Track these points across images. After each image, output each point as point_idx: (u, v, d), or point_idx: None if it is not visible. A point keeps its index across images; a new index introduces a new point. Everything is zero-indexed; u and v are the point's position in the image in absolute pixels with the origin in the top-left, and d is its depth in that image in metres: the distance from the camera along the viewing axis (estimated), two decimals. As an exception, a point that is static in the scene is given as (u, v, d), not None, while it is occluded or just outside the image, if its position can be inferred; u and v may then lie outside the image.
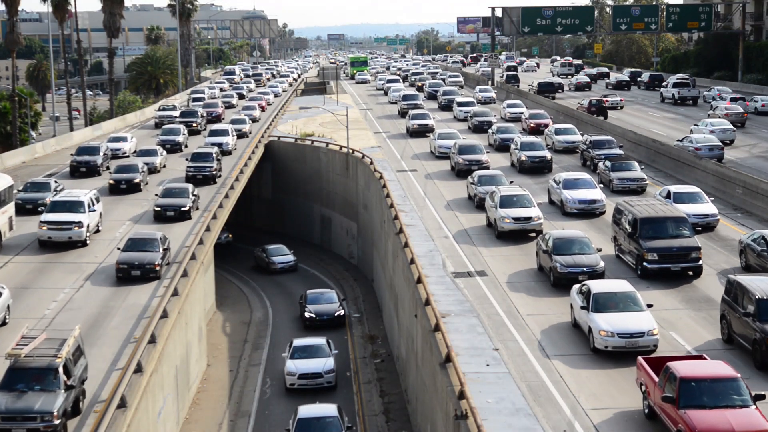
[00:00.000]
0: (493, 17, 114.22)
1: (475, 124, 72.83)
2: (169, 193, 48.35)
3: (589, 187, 45.31)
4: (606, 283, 30.84)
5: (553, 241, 34.97)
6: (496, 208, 41.50)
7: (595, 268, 33.75)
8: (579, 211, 44.23)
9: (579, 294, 30.12)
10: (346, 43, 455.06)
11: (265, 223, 73.98)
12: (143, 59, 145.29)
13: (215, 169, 56.18)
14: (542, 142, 58.35)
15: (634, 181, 49.46)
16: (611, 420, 24.02)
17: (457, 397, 24.59)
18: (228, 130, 68.16)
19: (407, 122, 74.35)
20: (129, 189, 52.62)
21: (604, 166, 51.19)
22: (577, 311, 29.72)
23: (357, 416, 38.29)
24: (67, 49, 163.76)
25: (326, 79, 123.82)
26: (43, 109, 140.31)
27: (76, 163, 57.86)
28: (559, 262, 34.00)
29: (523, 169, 54.95)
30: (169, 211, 46.50)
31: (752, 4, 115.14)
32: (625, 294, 29.40)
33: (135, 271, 37.29)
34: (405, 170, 58.10)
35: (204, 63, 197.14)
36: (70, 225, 41.54)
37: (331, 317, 49.32)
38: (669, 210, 36.71)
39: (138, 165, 54.57)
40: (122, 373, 27.14)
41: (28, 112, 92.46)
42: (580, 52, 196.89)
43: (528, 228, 40.77)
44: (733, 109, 72.75)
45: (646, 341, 27.67)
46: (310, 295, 50.91)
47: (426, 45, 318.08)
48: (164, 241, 39.09)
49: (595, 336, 28.06)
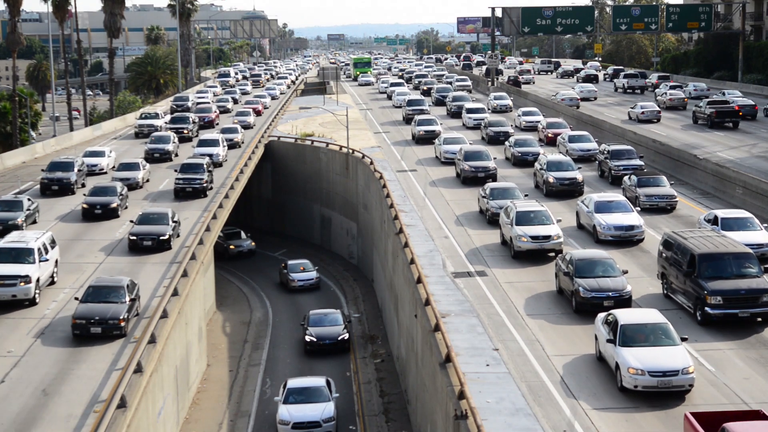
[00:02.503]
0: (493, 17, 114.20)
1: (490, 135, 66.57)
2: (146, 219, 42.58)
3: (624, 211, 40.38)
4: (635, 312, 27.82)
5: (575, 263, 32.07)
6: (512, 225, 38.22)
7: (621, 293, 30.82)
8: (614, 238, 39.31)
9: (604, 325, 27.15)
10: (346, 44, 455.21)
11: (265, 223, 74.01)
12: (143, 59, 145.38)
13: (206, 181, 52.06)
14: (571, 161, 51.12)
15: (663, 198, 45.21)
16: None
17: (457, 397, 24.59)
18: (218, 140, 63.10)
19: (413, 128, 70.65)
20: (105, 215, 46.69)
21: (630, 181, 46.88)
22: (603, 344, 26.87)
23: (357, 416, 38.32)
24: (67, 49, 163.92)
25: (326, 80, 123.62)
26: (43, 109, 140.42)
27: (48, 181, 52.12)
28: (582, 286, 31.08)
29: (550, 192, 48.56)
30: (146, 241, 40.89)
31: (752, 4, 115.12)
32: (657, 326, 26.36)
33: (95, 328, 31.00)
34: (405, 170, 58.10)
35: (204, 63, 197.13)
36: (15, 280, 33.79)
37: (334, 342, 45.41)
38: (731, 244, 31.59)
39: (116, 188, 48.48)
40: (122, 373, 27.13)
41: (28, 112, 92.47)
42: (580, 52, 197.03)
43: (547, 247, 37.55)
44: (676, 95, 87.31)
45: (681, 380, 24.72)
46: (313, 316, 47.04)
47: (426, 45, 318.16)
48: (132, 288, 33.10)
49: (623, 373, 25.04)
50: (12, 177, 58.04)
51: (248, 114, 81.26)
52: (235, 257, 63.95)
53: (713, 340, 28.84)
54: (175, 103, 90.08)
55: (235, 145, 67.58)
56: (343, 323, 46.47)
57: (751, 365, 27.10)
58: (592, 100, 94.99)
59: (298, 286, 56.82)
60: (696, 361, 26.80)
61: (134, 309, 32.77)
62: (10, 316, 33.38)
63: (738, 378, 26.27)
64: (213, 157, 59.34)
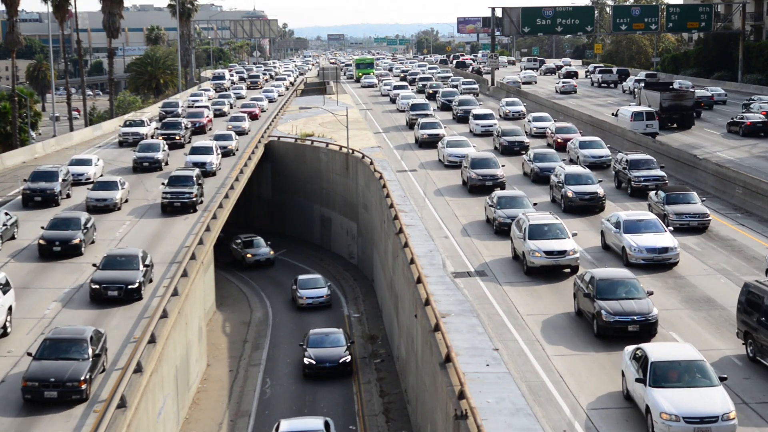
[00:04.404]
0: (493, 17, 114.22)
1: (503, 144, 61.90)
2: (111, 263, 35.89)
3: (656, 231, 37.01)
4: (667, 347, 25.21)
5: (596, 283, 29.73)
6: (524, 239, 35.84)
7: (647, 317, 28.49)
8: (647, 262, 36.01)
9: (633, 360, 24.52)
10: (345, 44, 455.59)
11: (265, 223, 74.02)
12: (143, 59, 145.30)
13: (195, 195, 48.43)
14: (591, 173, 47.40)
15: (695, 216, 41.51)
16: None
17: (457, 397, 24.59)
18: (212, 148, 59.50)
19: (416, 131, 68.40)
20: (65, 253, 40.25)
21: (657, 197, 43.12)
22: (631, 382, 24.25)
23: (357, 416, 38.30)
24: (67, 49, 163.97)
25: (326, 80, 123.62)
26: (43, 109, 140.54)
27: (30, 191, 49.06)
28: (605, 309, 28.74)
29: (569, 207, 45.11)
30: (112, 291, 34.45)
31: (752, 4, 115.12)
32: (692, 363, 23.67)
33: (50, 392, 26.06)
34: (405, 170, 58.09)
35: (204, 63, 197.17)
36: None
37: (335, 365, 41.84)
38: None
39: (80, 219, 41.78)
40: (122, 373, 27.12)
41: (28, 112, 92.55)
42: (580, 52, 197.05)
43: (562, 263, 35.20)
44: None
45: (720, 428, 22.01)
46: (312, 336, 43.48)
47: (426, 45, 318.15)
48: (98, 340, 28.18)
49: (654, 419, 22.45)
50: (12, 177, 58.06)
51: (243, 119, 77.30)
52: (253, 267, 61.11)
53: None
54: (164, 109, 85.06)
55: (229, 153, 64.02)
56: (345, 344, 43.01)
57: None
58: (573, 93, 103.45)
59: (306, 304, 52.78)
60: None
61: (99, 366, 27.75)
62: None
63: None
64: (206, 166, 56.68)
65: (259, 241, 63.20)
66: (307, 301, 52.79)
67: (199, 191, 49.51)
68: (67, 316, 33.57)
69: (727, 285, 34.34)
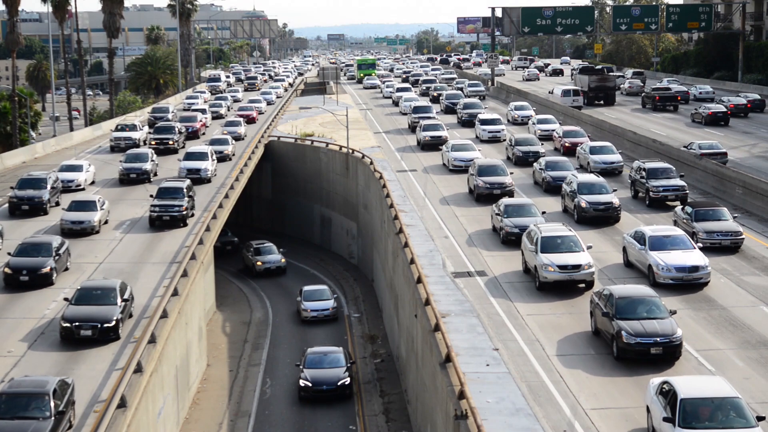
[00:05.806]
0: (493, 17, 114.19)
1: (517, 155, 57.63)
2: (85, 297, 31.77)
3: (684, 248, 34.44)
4: (697, 382, 23.01)
5: (615, 301, 27.95)
6: (536, 252, 33.92)
7: (671, 338, 26.73)
8: (675, 281, 33.52)
9: (659, 396, 22.45)
10: (346, 44, 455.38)
11: (265, 223, 74.02)
12: (143, 59, 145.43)
13: (185, 207, 45.15)
14: (605, 182, 44.87)
15: (727, 235, 38.43)
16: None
17: (457, 397, 24.59)
18: (207, 153, 56.69)
19: (418, 134, 66.59)
20: (33, 282, 35.89)
21: (684, 213, 40.11)
22: (657, 420, 22.04)
23: (357, 416, 38.29)
24: (67, 49, 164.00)
25: (326, 80, 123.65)
26: (43, 109, 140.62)
27: (17, 199, 46.60)
28: (625, 330, 26.92)
29: (582, 218, 42.60)
30: (84, 330, 30.43)
31: (752, 4, 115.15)
32: (726, 401, 21.45)
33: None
34: (405, 170, 58.06)
35: (204, 63, 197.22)
36: None
37: (333, 388, 38.82)
38: None
39: (51, 244, 37.23)
40: (122, 373, 27.11)
41: (28, 112, 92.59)
42: (580, 52, 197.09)
43: (577, 278, 33.39)
44: (635, 83, 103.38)
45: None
46: (311, 355, 40.49)
47: (426, 45, 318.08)
48: (62, 393, 24.43)
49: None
50: (12, 177, 58.01)
51: (239, 124, 73.45)
52: (263, 275, 58.97)
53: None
54: (153, 114, 79.93)
55: (225, 158, 61.16)
56: (345, 365, 39.87)
57: None
58: (535, 80, 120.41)
59: (311, 317, 50.02)
60: None
61: (65, 419, 24.25)
62: None
63: None
64: (201, 172, 54.32)
65: (270, 248, 60.62)
66: (311, 314, 49.99)
67: (189, 204, 46.11)
68: (32, 359, 29.69)
69: (727, 285, 34.37)
